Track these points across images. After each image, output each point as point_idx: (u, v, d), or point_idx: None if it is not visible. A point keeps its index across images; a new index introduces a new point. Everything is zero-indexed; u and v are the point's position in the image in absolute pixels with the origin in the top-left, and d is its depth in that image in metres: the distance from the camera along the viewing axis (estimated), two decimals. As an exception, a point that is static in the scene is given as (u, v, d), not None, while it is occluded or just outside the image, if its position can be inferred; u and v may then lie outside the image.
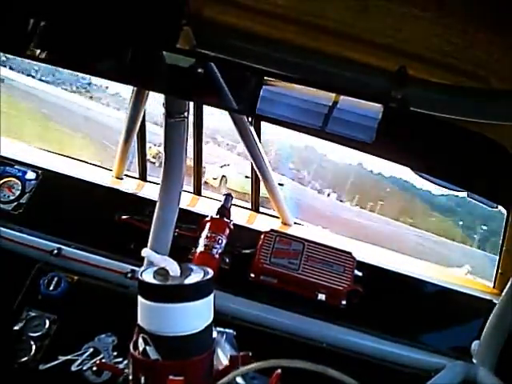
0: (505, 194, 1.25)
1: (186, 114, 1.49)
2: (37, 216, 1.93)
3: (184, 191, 1.73)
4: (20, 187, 1.97)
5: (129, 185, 2.20)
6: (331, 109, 1.04)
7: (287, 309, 1.79)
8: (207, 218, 1.78)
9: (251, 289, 1.80)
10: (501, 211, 1.81)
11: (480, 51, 0.93)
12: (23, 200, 1.96)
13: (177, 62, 1.06)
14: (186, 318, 0.86)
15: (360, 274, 1.79)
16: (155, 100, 1.88)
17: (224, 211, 1.83)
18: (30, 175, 2.00)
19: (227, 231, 1.77)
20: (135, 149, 2.28)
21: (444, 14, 0.85)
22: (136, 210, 1.88)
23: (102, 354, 1.62)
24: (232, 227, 1.80)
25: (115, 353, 1.63)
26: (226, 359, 0.96)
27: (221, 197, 1.92)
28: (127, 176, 2.33)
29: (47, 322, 1.69)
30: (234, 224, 1.83)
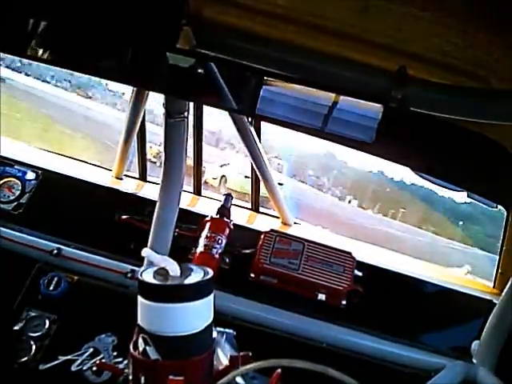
0: (505, 194, 1.25)
1: (186, 114, 1.49)
2: (37, 216, 1.93)
3: (184, 191, 1.73)
4: (20, 187, 1.97)
5: (129, 185, 2.20)
6: (331, 109, 1.04)
7: (287, 309, 1.79)
8: (207, 218, 1.79)
9: (251, 289, 1.80)
10: (501, 211, 1.81)
11: (480, 51, 0.93)
12: (23, 200, 1.95)
13: (177, 62, 1.07)
14: (186, 318, 0.86)
15: (360, 274, 1.79)
16: (155, 100, 1.88)
17: (224, 211, 1.83)
18: (30, 175, 2.00)
19: (227, 231, 1.77)
20: (135, 149, 2.28)
21: (444, 14, 0.85)
22: (136, 210, 1.88)
23: (102, 354, 1.62)
24: (232, 227, 1.80)
25: (115, 353, 1.63)
26: (226, 359, 0.96)
27: (221, 197, 1.92)
28: (127, 176, 2.33)
29: (47, 322, 1.69)
30: (234, 224, 1.83)
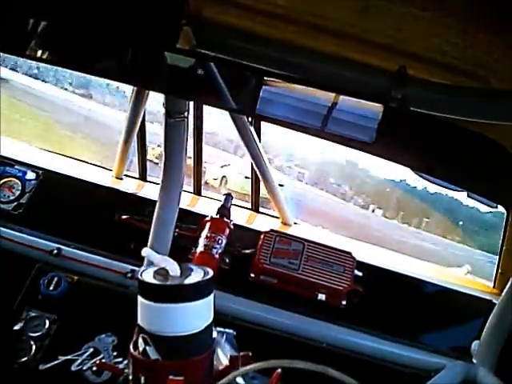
0: (505, 194, 1.25)
1: (186, 114, 1.49)
2: (37, 216, 1.93)
3: (184, 191, 1.73)
4: (20, 187, 1.97)
5: (129, 185, 2.20)
6: (330, 109, 1.04)
7: (287, 309, 1.79)
8: (207, 218, 1.79)
9: (251, 289, 1.80)
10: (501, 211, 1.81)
11: (480, 51, 0.93)
12: (23, 200, 1.95)
13: (177, 62, 1.07)
14: (186, 318, 0.86)
15: (360, 274, 1.79)
16: (155, 100, 1.88)
17: (224, 211, 1.83)
18: (30, 175, 2.00)
19: (227, 231, 1.77)
20: (135, 149, 2.28)
21: (444, 14, 0.85)
22: (136, 210, 1.88)
23: (102, 354, 1.62)
24: (232, 227, 1.80)
25: (115, 353, 1.63)
26: (226, 359, 0.96)
27: (221, 197, 1.92)
28: (127, 176, 2.33)
29: (47, 322, 1.69)
30: (234, 224, 1.83)
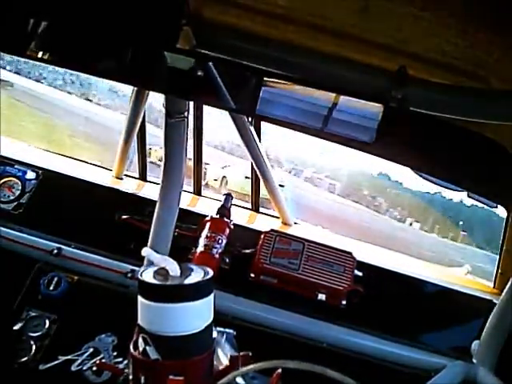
0: (505, 194, 1.25)
1: (186, 114, 1.49)
2: (37, 216, 1.93)
3: (184, 191, 1.73)
4: (20, 187, 1.97)
5: (129, 185, 2.20)
6: (331, 110, 1.04)
7: (287, 309, 1.79)
8: (207, 218, 1.79)
9: (251, 289, 1.80)
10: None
11: (480, 51, 0.93)
12: (23, 200, 1.95)
13: (177, 63, 1.07)
14: (186, 318, 0.86)
15: (360, 274, 1.79)
16: (155, 100, 1.88)
17: (224, 211, 1.83)
18: (30, 175, 2.00)
19: (227, 231, 1.77)
20: (135, 149, 2.28)
21: (444, 14, 0.85)
22: (136, 210, 1.88)
23: (102, 354, 1.62)
24: (232, 227, 1.80)
25: (115, 353, 1.63)
26: (226, 359, 0.96)
27: (221, 197, 1.92)
28: (127, 176, 2.33)
29: (47, 322, 1.69)
30: (234, 224, 1.83)
